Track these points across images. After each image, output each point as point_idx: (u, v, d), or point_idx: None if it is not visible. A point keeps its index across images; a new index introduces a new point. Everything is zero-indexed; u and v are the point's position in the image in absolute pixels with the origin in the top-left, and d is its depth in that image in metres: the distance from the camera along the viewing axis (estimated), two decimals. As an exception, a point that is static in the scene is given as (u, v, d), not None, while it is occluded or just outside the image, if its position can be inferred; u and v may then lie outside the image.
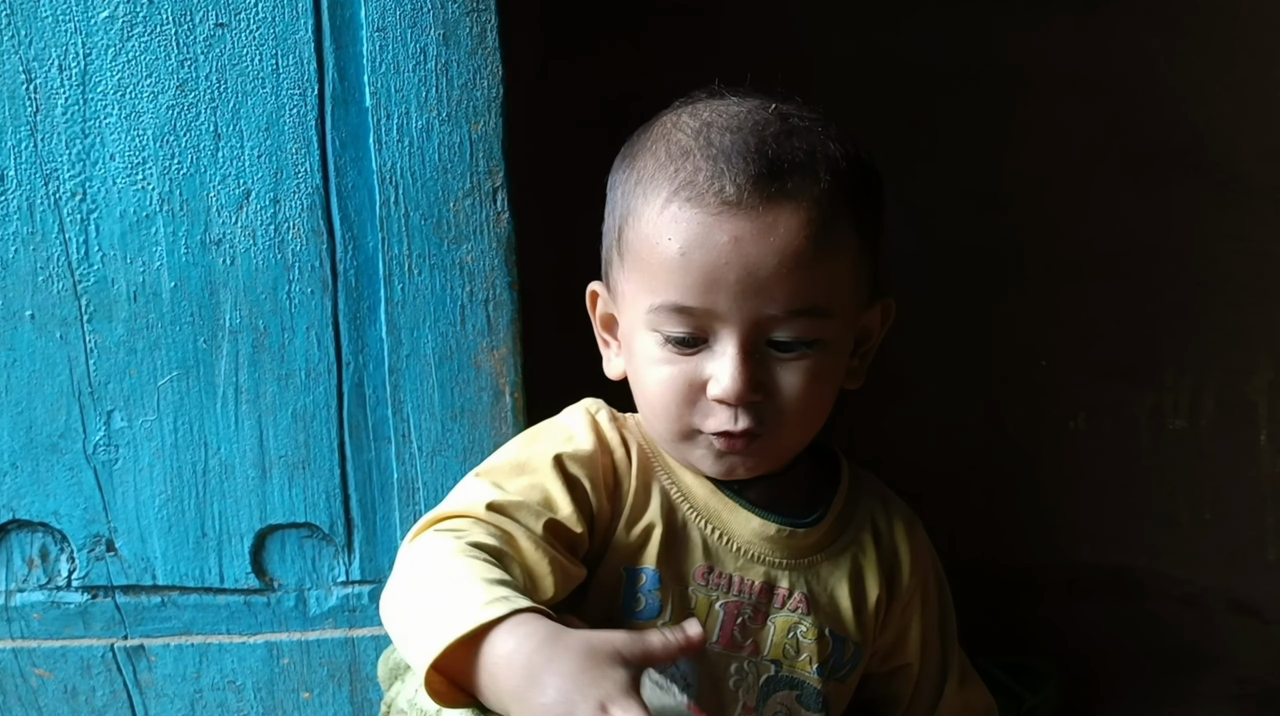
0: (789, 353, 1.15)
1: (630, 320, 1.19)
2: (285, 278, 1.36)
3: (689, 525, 1.22)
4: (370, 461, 1.42)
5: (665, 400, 1.17)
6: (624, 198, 1.19)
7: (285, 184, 1.35)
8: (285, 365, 1.39)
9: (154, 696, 1.45)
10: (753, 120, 1.15)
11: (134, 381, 1.38)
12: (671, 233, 1.12)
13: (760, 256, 1.10)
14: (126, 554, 1.42)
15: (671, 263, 1.12)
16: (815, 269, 1.12)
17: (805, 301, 1.13)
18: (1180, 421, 2.18)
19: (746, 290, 1.11)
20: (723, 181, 1.11)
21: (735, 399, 1.13)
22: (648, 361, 1.17)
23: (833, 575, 1.25)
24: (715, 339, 1.14)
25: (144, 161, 1.33)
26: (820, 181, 1.13)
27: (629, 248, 1.17)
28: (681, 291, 1.12)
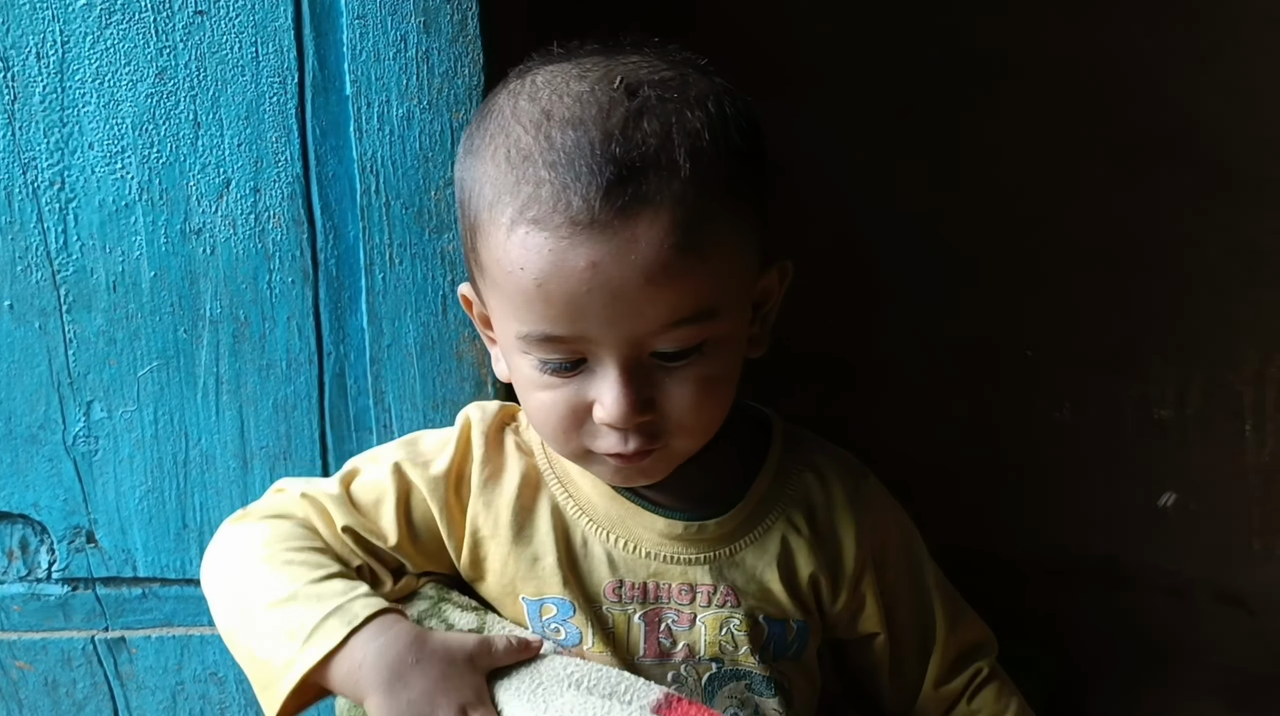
0: (676, 362, 1.06)
1: (503, 338, 1.11)
2: (266, 267, 1.36)
3: (590, 541, 1.18)
4: (351, 452, 1.40)
5: (551, 425, 1.10)
6: (470, 204, 1.08)
7: (265, 173, 1.34)
8: (266, 355, 1.38)
9: (135, 688, 1.45)
10: (596, 104, 1.02)
11: (114, 372, 1.38)
12: (523, 261, 1.01)
13: (624, 277, 1.00)
14: (107, 545, 1.42)
15: (529, 293, 1.02)
16: (688, 275, 1.02)
17: (684, 311, 1.03)
18: (1166, 411, 2.18)
19: (616, 314, 1.02)
20: (569, 197, 0.99)
21: (622, 423, 1.06)
22: (527, 384, 1.10)
23: (759, 560, 1.19)
24: (594, 359, 1.06)
25: (123, 150, 1.32)
26: (679, 171, 1.01)
27: (483, 266, 1.08)
28: (547, 322, 1.03)
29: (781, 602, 1.20)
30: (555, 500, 1.18)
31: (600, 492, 1.18)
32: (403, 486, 1.16)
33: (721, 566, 1.18)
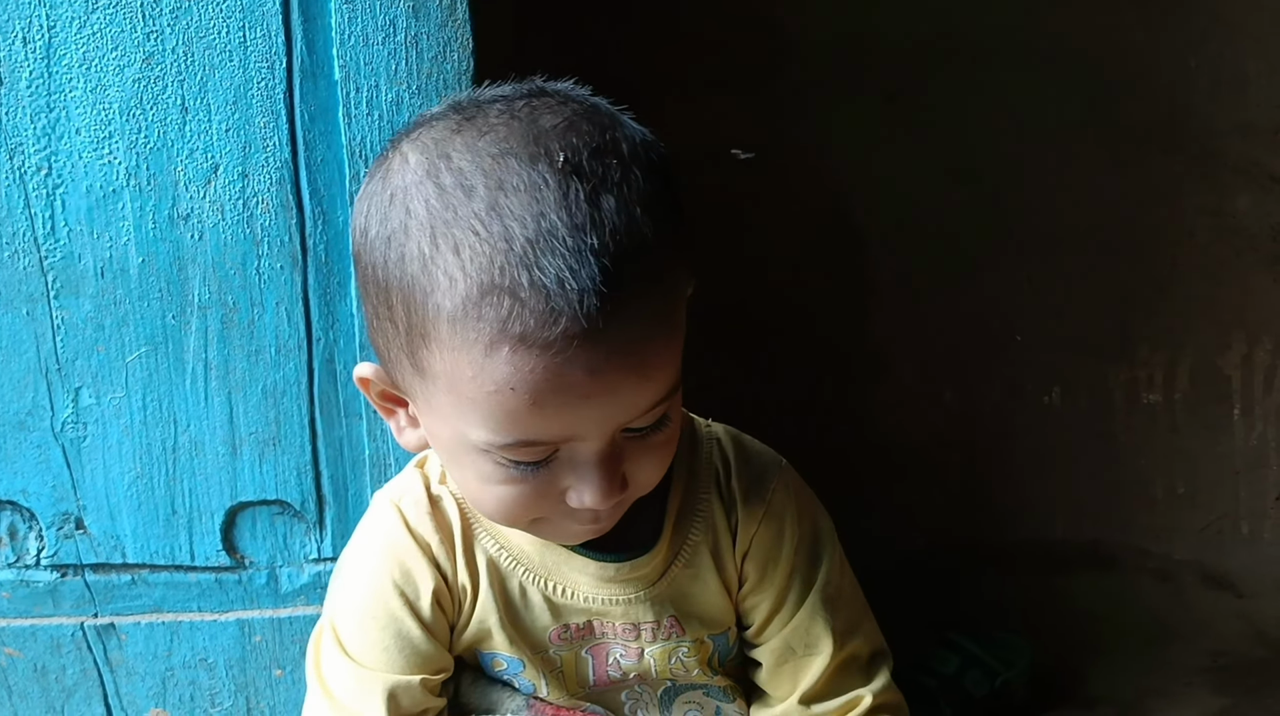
0: (647, 432, 1.00)
1: (448, 436, 1.01)
2: (254, 253, 1.35)
3: (528, 590, 1.14)
4: (341, 438, 1.41)
5: (514, 515, 1.03)
6: (408, 307, 0.96)
7: (254, 158, 1.33)
8: (255, 341, 1.37)
9: (125, 674, 1.44)
10: (552, 195, 0.91)
11: (102, 358, 1.37)
12: (514, 382, 0.92)
13: (621, 379, 0.94)
14: (96, 532, 1.41)
15: (520, 411, 0.94)
16: (669, 360, 0.98)
17: (664, 392, 0.98)
18: (1154, 396, 2.19)
19: (608, 413, 0.96)
20: (561, 312, 0.90)
21: (602, 504, 1.00)
22: (483, 480, 1.01)
23: (695, 581, 1.15)
24: (568, 449, 0.98)
25: (110, 135, 1.32)
26: (649, 247, 0.93)
27: (438, 377, 0.96)
28: (532, 431, 0.95)
29: (722, 616, 1.17)
30: (489, 553, 1.14)
31: (530, 541, 1.14)
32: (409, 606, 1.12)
33: (663, 595, 1.15)
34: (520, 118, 0.96)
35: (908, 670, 1.82)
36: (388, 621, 1.12)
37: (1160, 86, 2.09)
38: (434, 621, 1.13)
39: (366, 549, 1.15)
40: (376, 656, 1.12)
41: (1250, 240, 2.13)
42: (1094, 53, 2.09)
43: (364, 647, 1.12)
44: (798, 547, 1.17)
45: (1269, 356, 2.17)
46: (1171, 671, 1.92)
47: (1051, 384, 2.20)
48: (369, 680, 1.11)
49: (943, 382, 2.18)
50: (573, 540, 1.11)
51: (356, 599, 1.13)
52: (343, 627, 1.13)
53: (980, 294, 2.15)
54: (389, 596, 1.12)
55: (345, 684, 1.12)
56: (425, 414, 1.03)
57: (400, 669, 1.11)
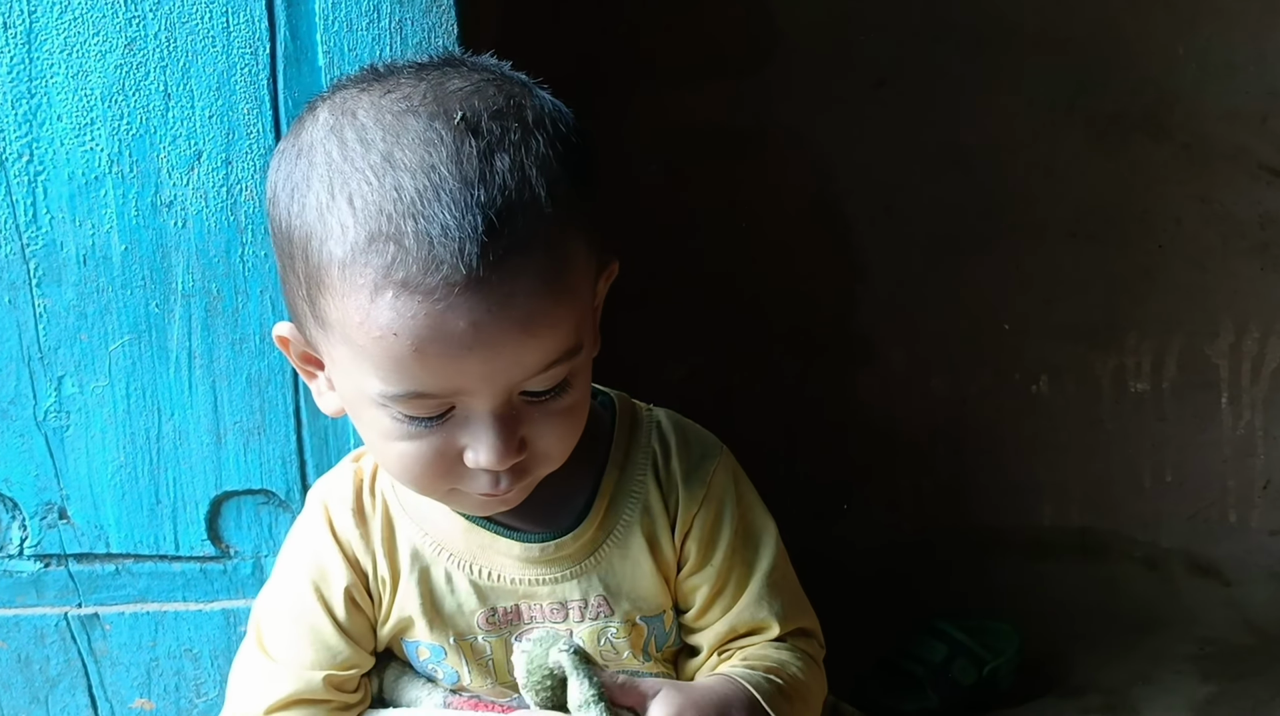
0: (545, 397, 1.02)
1: (350, 389, 1.04)
2: (238, 240, 1.34)
3: (454, 576, 1.15)
4: (326, 426, 1.40)
5: (414, 474, 1.05)
6: (306, 255, 0.99)
7: (237, 145, 1.32)
8: (239, 329, 1.37)
9: (109, 665, 1.44)
10: (444, 147, 0.95)
11: (85, 346, 1.36)
12: (396, 327, 0.95)
13: (504, 333, 0.95)
14: (79, 521, 1.40)
15: (402, 357, 0.96)
16: (561, 319, 0.99)
17: (555, 354, 1.00)
18: (1142, 384, 2.19)
19: (494, 369, 0.97)
20: (440, 257, 0.93)
21: (498, 465, 1.02)
22: (384, 437, 1.03)
23: (625, 562, 1.16)
24: (463, 406, 1.01)
25: (92, 122, 1.31)
26: (543, 210, 0.96)
27: (332, 323, 0.99)
28: (418, 381, 0.98)
29: (656, 598, 1.18)
30: (413, 542, 1.16)
31: (456, 526, 1.15)
32: (322, 602, 1.16)
33: (591, 575, 1.16)
34: (428, 80, 1.00)
35: (896, 657, 1.83)
36: (302, 617, 1.16)
37: (1148, 73, 2.09)
38: (348, 620, 1.16)
39: (294, 546, 1.20)
40: (288, 650, 1.16)
41: (1238, 228, 2.13)
42: (1081, 39, 2.08)
43: (279, 643, 1.16)
44: (737, 530, 1.19)
45: (1257, 344, 2.17)
46: (1159, 659, 1.92)
47: (1039, 372, 2.20)
48: (275, 675, 1.15)
49: (931, 370, 2.18)
50: (483, 511, 1.12)
51: (279, 597, 1.18)
52: (264, 622, 1.18)
53: (968, 281, 2.14)
54: (305, 595, 1.16)
55: (257, 679, 1.16)
56: (332, 370, 1.06)
57: (309, 664, 1.15)
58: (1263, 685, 1.84)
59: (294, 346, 1.10)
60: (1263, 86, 2.08)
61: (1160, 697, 1.81)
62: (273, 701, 1.14)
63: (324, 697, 1.15)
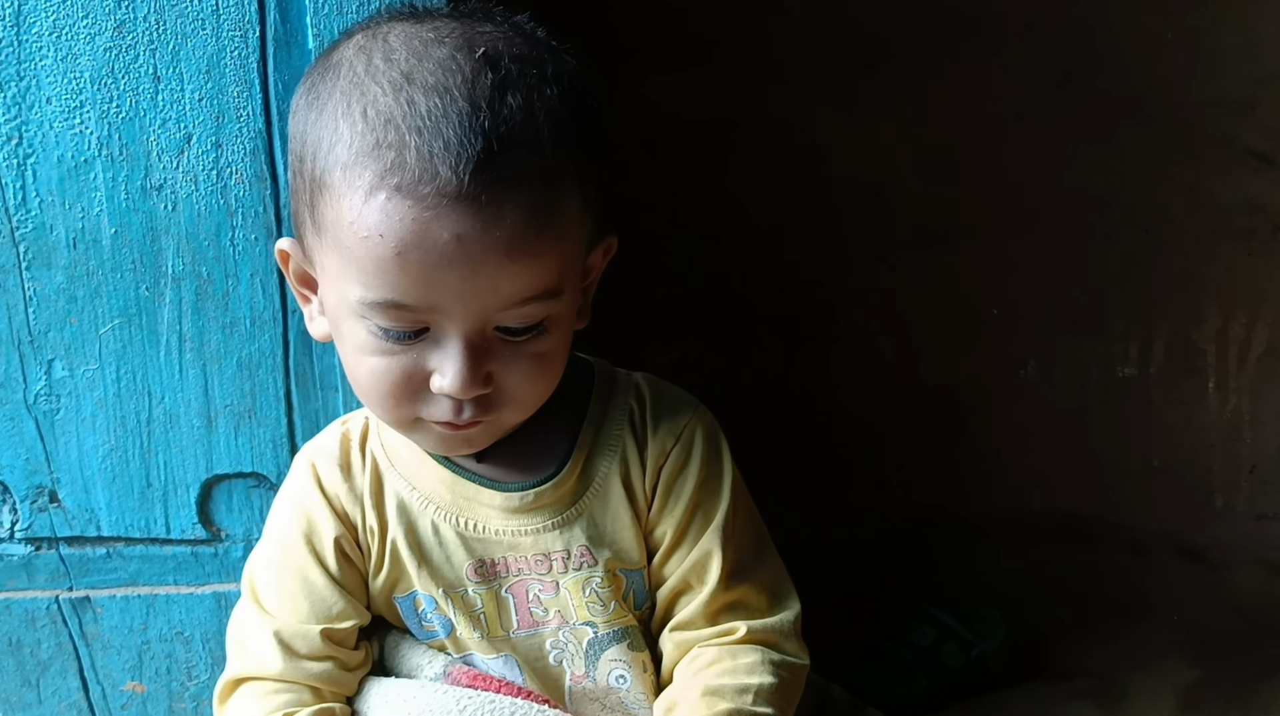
0: (518, 337, 1.06)
1: (334, 301, 1.08)
2: (228, 223, 1.34)
3: (440, 527, 1.18)
4: (318, 410, 1.40)
5: (382, 392, 1.08)
6: (314, 159, 1.04)
7: (227, 128, 1.32)
8: (230, 313, 1.37)
9: (100, 648, 1.44)
10: (460, 73, 1.01)
11: (75, 330, 1.36)
12: (383, 228, 0.99)
13: (485, 252, 0.99)
14: (70, 505, 1.40)
15: (385, 261, 1.00)
16: (543, 254, 1.03)
17: (534, 289, 1.03)
18: (1129, 369, 2.20)
19: (472, 289, 1.01)
20: (437, 166, 0.97)
21: (462, 393, 1.05)
22: (359, 350, 1.08)
23: (605, 512, 1.20)
24: (437, 328, 1.05)
25: (81, 105, 1.31)
26: (543, 149, 1.01)
27: (326, 226, 1.04)
28: (398, 290, 1.01)
29: (635, 550, 1.20)
30: (400, 495, 1.19)
31: (440, 479, 1.19)
32: (314, 555, 1.19)
33: (573, 525, 1.18)
34: (462, 22, 1.07)
35: (884, 642, 1.83)
36: (295, 571, 1.18)
37: (1136, 59, 2.09)
38: (340, 572, 1.19)
39: (281, 505, 1.23)
40: (284, 604, 1.18)
41: (1226, 214, 2.14)
42: (1070, 25, 2.09)
43: (274, 596, 1.19)
44: (701, 483, 1.21)
45: (1244, 330, 2.17)
46: (1146, 644, 1.92)
47: (1027, 357, 2.20)
48: (268, 625, 1.17)
49: (919, 356, 2.19)
50: (446, 450, 1.15)
51: (271, 551, 1.21)
52: (258, 578, 1.20)
53: (957, 267, 2.15)
54: (297, 548, 1.19)
55: (250, 630, 1.18)
56: (322, 284, 1.10)
57: (305, 617, 1.17)
58: (1249, 669, 1.85)
59: (293, 262, 1.14)
60: (1250, 73, 2.09)
61: (1147, 682, 1.82)
62: (272, 650, 1.16)
63: (324, 653, 1.17)
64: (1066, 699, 1.78)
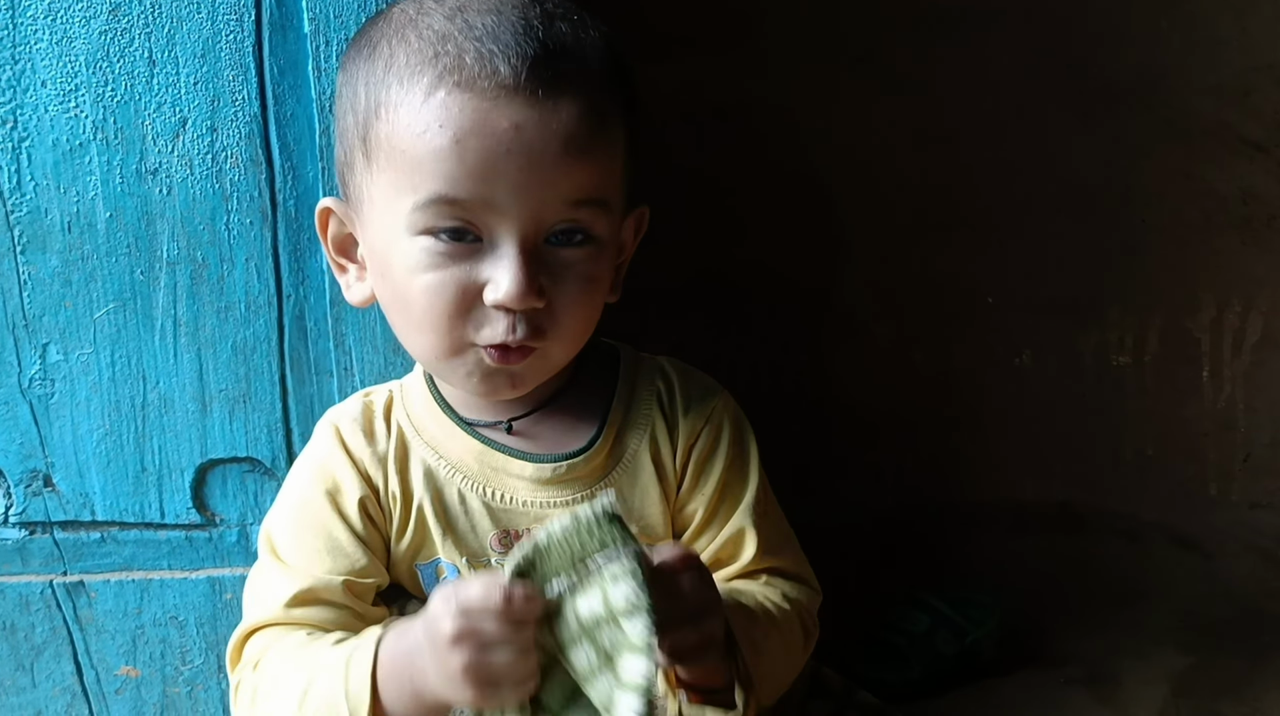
0: (568, 245, 1.08)
1: (384, 230, 1.10)
2: (223, 208, 1.34)
3: (467, 497, 1.19)
4: (312, 395, 1.40)
5: (436, 311, 1.08)
6: (369, 91, 1.08)
7: (222, 112, 1.32)
8: (224, 297, 1.36)
9: (94, 632, 1.44)
10: (513, 6, 1.07)
11: (69, 314, 1.36)
12: (443, 119, 1.03)
13: (544, 143, 1.03)
14: (65, 489, 1.40)
15: (442, 152, 1.03)
16: (597, 157, 1.07)
17: (587, 191, 1.07)
18: (1124, 358, 2.20)
19: (529, 180, 1.04)
20: (496, 63, 1.02)
21: (518, 302, 1.06)
22: (412, 270, 1.08)
23: (634, 489, 1.22)
24: (491, 237, 1.06)
25: (76, 88, 1.30)
26: (591, 67, 1.07)
27: (381, 144, 1.07)
28: (454, 182, 1.04)
29: (662, 526, 1.23)
30: (427, 463, 1.20)
31: (468, 450, 1.20)
32: (338, 512, 1.18)
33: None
34: None
35: (879, 629, 1.83)
36: (318, 528, 1.18)
37: (1131, 47, 2.09)
38: (364, 530, 1.18)
39: (303, 465, 1.22)
40: (307, 558, 1.17)
41: (1220, 203, 2.14)
42: (1064, 13, 2.08)
43: (295, 552, 1.18)
44: (730, 463, 1.24)
45: (1238, 319, 2.18)
46: (1139, 631, 1.92)
47: (1022, 346, 2.20)
48: (291, 575, 1.16)
49: (914, 344, 2.19)
50: (492, 390, 1.14)
51: (291, 509, 1.20)
52: (277, 535, 1.19)
53: (951, 255, 2.15)
54: (319, 505, 1.18)
55: (271, 583, 1.17)
56: (367, 226, 1.12)
57: (328, 570, 1.16)
58: (1242, 656, 1.85)
59: (333, 225, 1.17)
60: (1246, 61, 2.09)
61: (1140, 669, 1.82)
62: (291, 595, 1.15)
63: (343, 601, 1.15)
64: (1060, 686, 1.78)
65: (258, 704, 1.11)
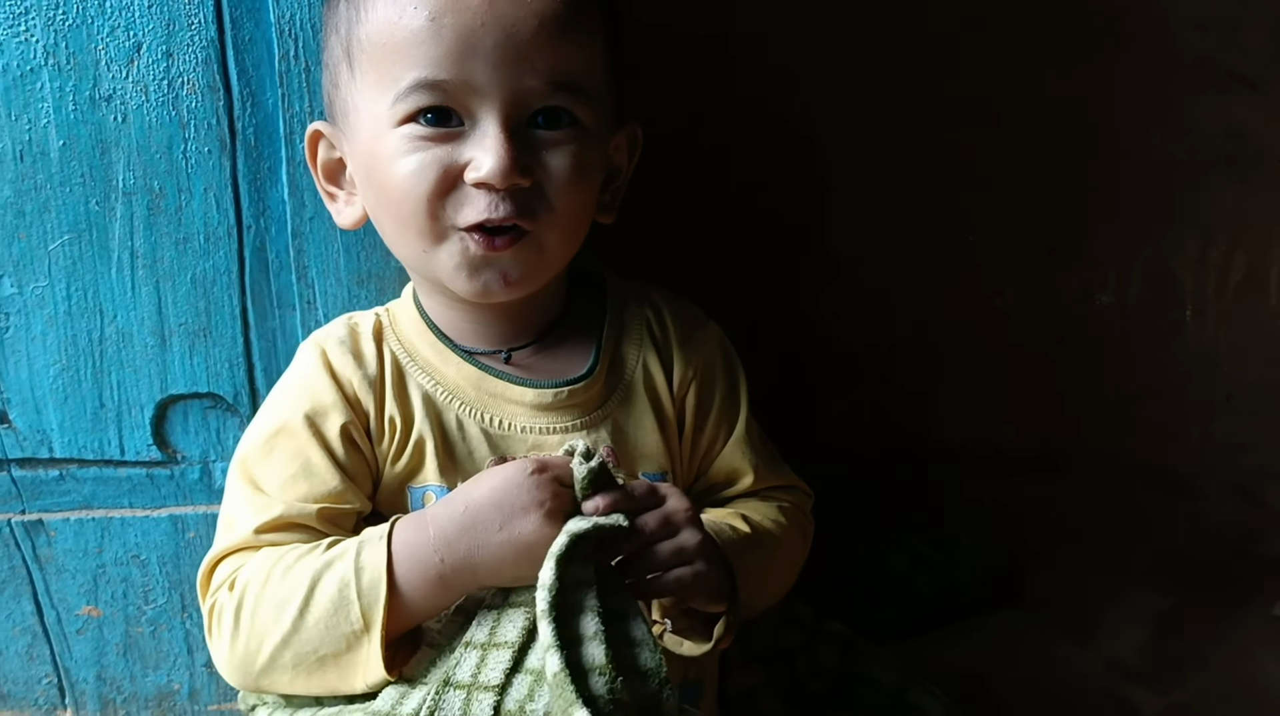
0: (554, 128, 1.10)
1: (369, 131, 1.12)
2: (180, 136, 1.30)
3: (465, 423, 1.19)
4: (274, 329, 1.37)
5: (417, 193, 1.10)
6: (349, 3, 1.12)
7: (178, 36, 1.28)
8: (183, 228, 1.33)
9: (54, 571, 1.41)
10: None
11: (23, 246, 1.32)
12: (417, 1, 1.06)
13: (518, 17, 1.06)
14: (21, 426, 1.37)
15: (420, 33, 1.06)
16: (574, 39, 1.09)
17: (567, 73, 1.09)
18: (1107, 297, 2.17)
19: (506, 56, 1.06)
20: None
21: (500, 179, 1.07)
22: (392, 159, 1.10)
23: (631, 414, 1.23)
24: (473, 120, 1.08)
25: (26, 11, 1.26)
26: None
27: (363, 46, 1.10)
28: (432, 64, 1.06)
29: (658, 456, 1.23)
30: (424, 388, 1.19)
31: (464, 376, 1.20)
32: (318, 437, 1.16)
33: (599, 426, 1.21)
34: None
35: (858, 569, 1.82)
36: (295, 452, 1.15)
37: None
38: (345, 456, 1.16)
39: (284, 388, 1.20)
40: (282, 484, 1.15)
41: (1206, 139, 2.11)
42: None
43: (269, 477, 1.15)
44: (725, 394, 1.29)
45: (1223, 257, 2.15)
46: (1119, 573, 1.92)
47: (1004, 286, 2.18)
48: (263, 502, 1.14)
49: (895, 284, 2.16)
50: (479, 286, 1.14)
51: (268, 434, 1.17)
52: (251, 460, 1.17)
53: (933, 195, 2.12)
54: (298, 428, 1.16)
55: (242, 509, 1.15)
56: (356, 131, 1.13)
57: (303, 497, 1.14)
58: (1222, 598, 1.85)
59: (322, 149, 1.20)
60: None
61: (1119, 611, 1.81)
62: (262, 522, 1.13)
63: (318, 527, 1.14)
64: (1040, 627, 1.77)
65: (242, 621, 1.09)
